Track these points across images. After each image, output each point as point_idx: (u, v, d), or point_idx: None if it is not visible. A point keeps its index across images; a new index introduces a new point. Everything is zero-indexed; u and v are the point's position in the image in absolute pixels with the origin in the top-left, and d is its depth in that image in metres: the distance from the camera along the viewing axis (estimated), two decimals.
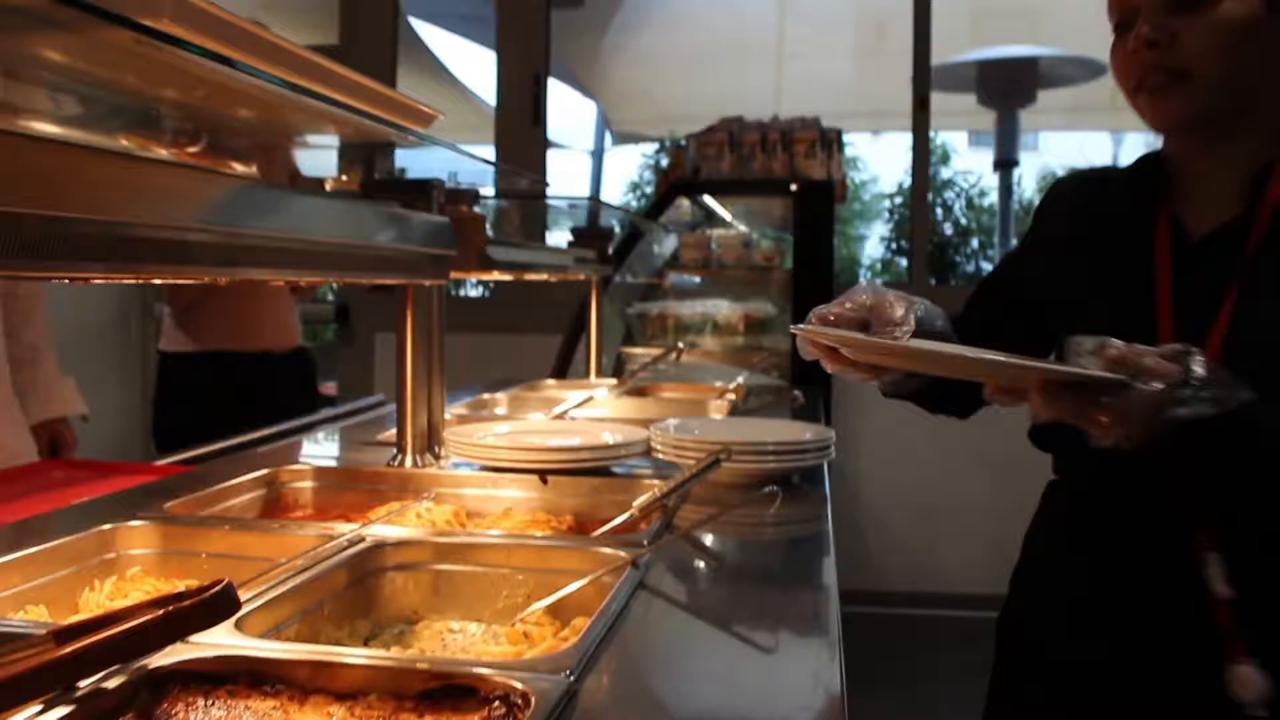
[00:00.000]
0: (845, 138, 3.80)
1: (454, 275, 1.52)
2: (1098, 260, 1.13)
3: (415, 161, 1.61)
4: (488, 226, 1.62)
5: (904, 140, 4.20)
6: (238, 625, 0.83)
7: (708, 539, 1.25)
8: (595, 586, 1.01)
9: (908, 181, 4.35)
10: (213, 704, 0.74)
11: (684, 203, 3.88)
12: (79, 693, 0.70)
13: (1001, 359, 0.91)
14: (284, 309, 3.02)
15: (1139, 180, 1.14)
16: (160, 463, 1.80)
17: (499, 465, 1.46)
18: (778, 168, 3.62)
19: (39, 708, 0.67)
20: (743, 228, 3.94)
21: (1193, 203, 1.08)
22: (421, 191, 1.39)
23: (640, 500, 1.29)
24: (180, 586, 1.02)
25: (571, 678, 0.77)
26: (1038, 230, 1.26)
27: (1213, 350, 0.97)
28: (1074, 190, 1.23)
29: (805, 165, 3.61)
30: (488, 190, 2.05)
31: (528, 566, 1.11)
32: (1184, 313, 1.03)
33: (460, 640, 1.07)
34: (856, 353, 1.01)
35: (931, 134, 4.33)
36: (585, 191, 7.70)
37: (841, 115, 4.48)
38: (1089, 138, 8.34)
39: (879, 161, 8.75)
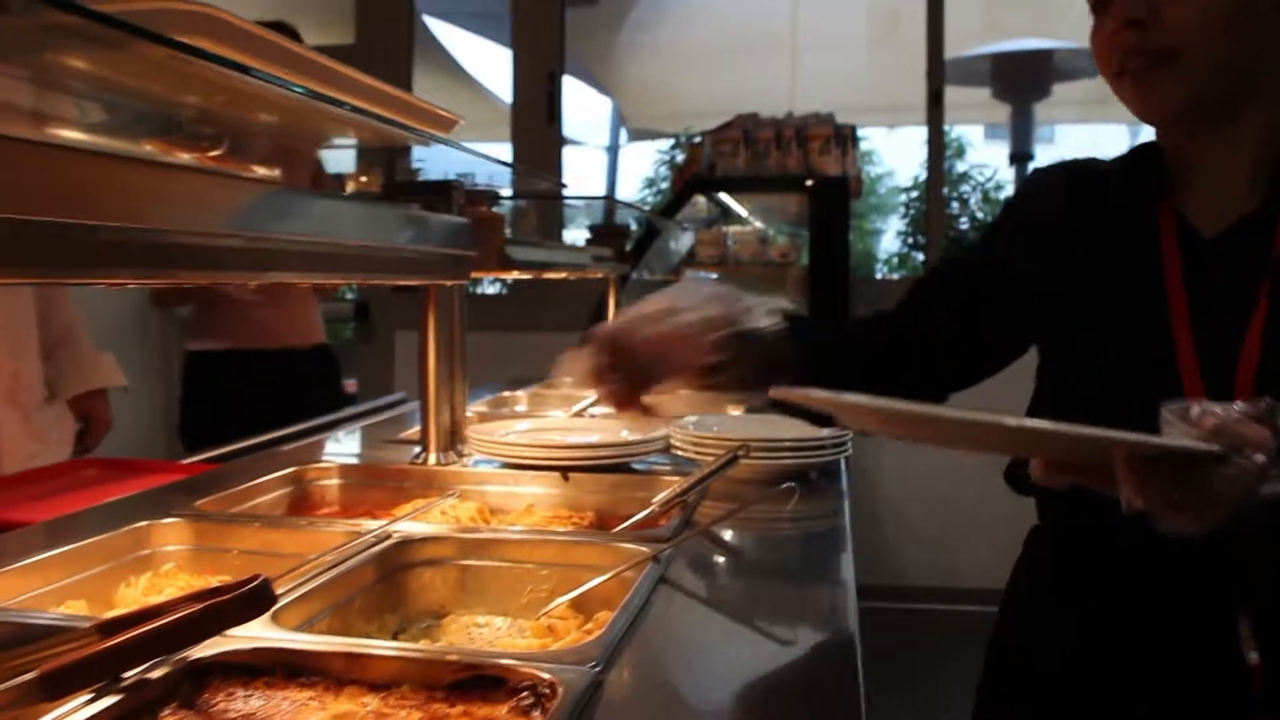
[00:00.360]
0: (860, 132, 3.80)
1: (474, 275, 1.54)
2: (1096, 257, 1.02)
3: (432, 160, 1.62)
4: (506, 226, 1.64)
5: (919, 134, 4.20)
6: (273, 619, 0.86)
7: (727, 534, 1.27)
8: (617, 581, 1.03)
9: (923, 175, 4.35)
10: (252, 694, 0.76)
11: (700, 200, 3.89)
12: (125, 683, 0.73)
13: (1073, 431, 0.68)
14: (308, 307, 3.06)
15: (1136, 172, 1.03)
16: (188, 461, 1.83)
17: (521, 462, 1.48)
18: (793, 164, 3.64)
19: (89, 696, 0.70)
20: (758, 224, 3.96)
21: (1196, 197, 0.98)
22: (442, 193, 1.41)
23: (660, 496, 1.31)
24: (213, 582, 1.04)
25: (597, 669, 0.79)
26: (1016, 218, 1.12)
27: (1249, 361, 0.89)
28: (1060, 181, 1.10)
29: (820, 161, 3.62)
30: (505, 190, 2.08)
31: (551, 562, 1.13)
32: (1205, 317, 0.93)
33: (486, 634, 1.09)
34: (854, 419, 0.81)
35: (947, 128, 4.32)
36: (601, 188, 7.73)
37: (856, 109, 4.48)
38: (1104, 130, 8.29)
39: (894, 155, 8.73)
